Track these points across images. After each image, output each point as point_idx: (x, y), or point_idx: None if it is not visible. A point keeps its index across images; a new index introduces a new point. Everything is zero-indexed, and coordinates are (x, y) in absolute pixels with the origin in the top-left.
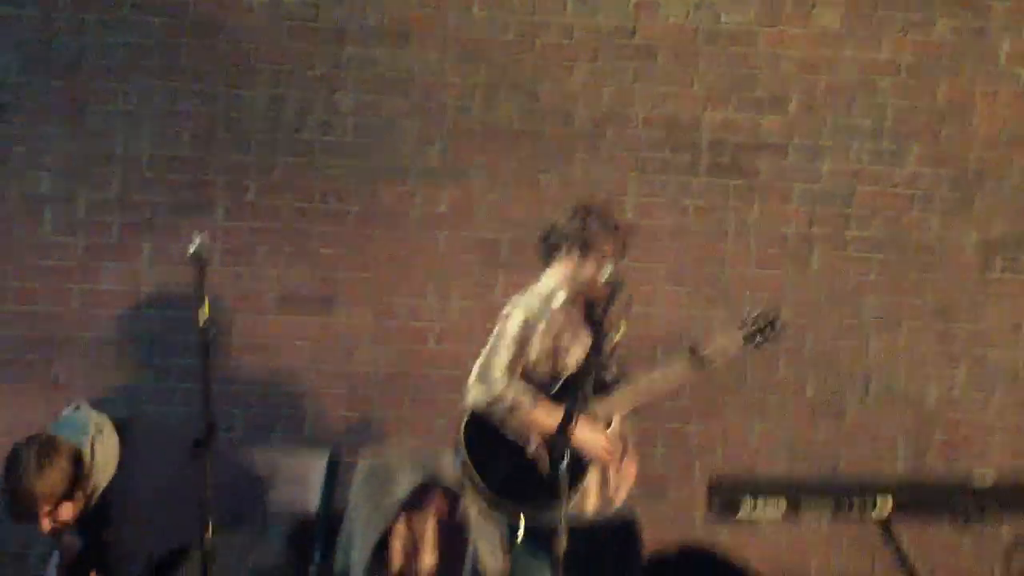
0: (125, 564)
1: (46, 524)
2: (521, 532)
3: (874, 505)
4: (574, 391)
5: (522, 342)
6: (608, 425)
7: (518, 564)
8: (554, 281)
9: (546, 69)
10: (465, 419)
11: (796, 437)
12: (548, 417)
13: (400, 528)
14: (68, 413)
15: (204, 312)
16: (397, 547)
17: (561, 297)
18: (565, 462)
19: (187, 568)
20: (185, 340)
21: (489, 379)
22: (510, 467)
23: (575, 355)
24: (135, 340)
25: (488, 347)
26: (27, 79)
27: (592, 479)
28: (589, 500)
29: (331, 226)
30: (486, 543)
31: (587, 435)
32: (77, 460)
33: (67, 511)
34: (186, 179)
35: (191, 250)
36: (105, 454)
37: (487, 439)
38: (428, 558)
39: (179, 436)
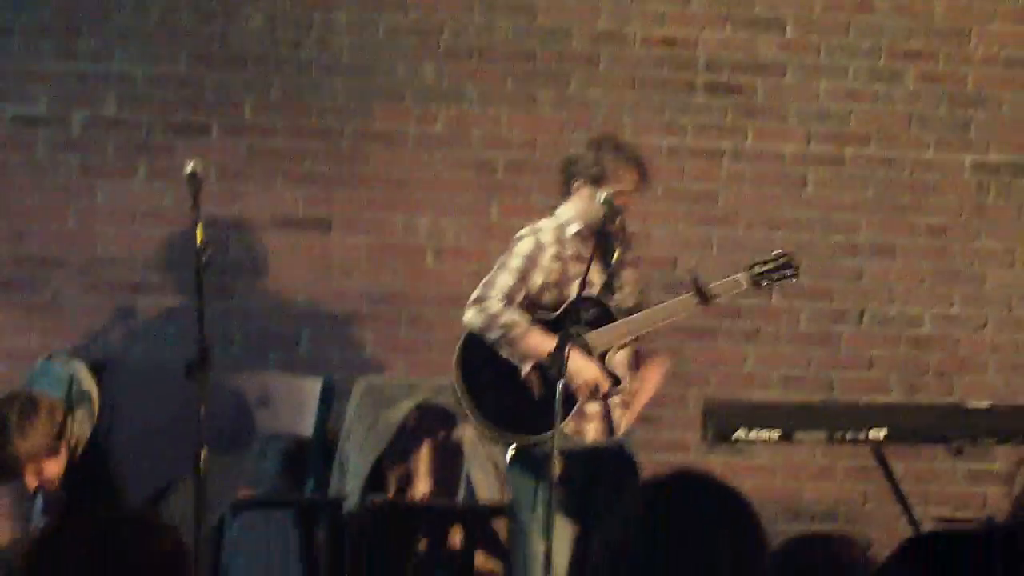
0: (122, 498)
1: (32, 482)
2: (509, 457)
3: (867, 432)
4: (571, 319)
5: (524, 270)
6: (603, 356)
7: (514, 489)
8: (569, 213)
9: None
10: (461, 342)
11: (790, 362)
12: (541, 342)
13: (395, 453)
14: (42, 364)
15: (199, 234)
16: (391, 473)
17: (574, 228)
18: (558, 389)
19: (181, 493)
20: (180, 259)
21: (485, 302)
22: (502, 393)
23: (576, 287)
24: (130, 259)
25: (492, 271)
26: None
27: (593, 407)
28: (589, 427)
29: (327, 146)
30: (480, 468)
31: (578, 363)
32: (58, 415)
33: (52, 467)
34: (182, 98)
35: (186, 171)
36: (84, 402)
37: (482, 364)
38: (422, 484)
39: (168, 368)
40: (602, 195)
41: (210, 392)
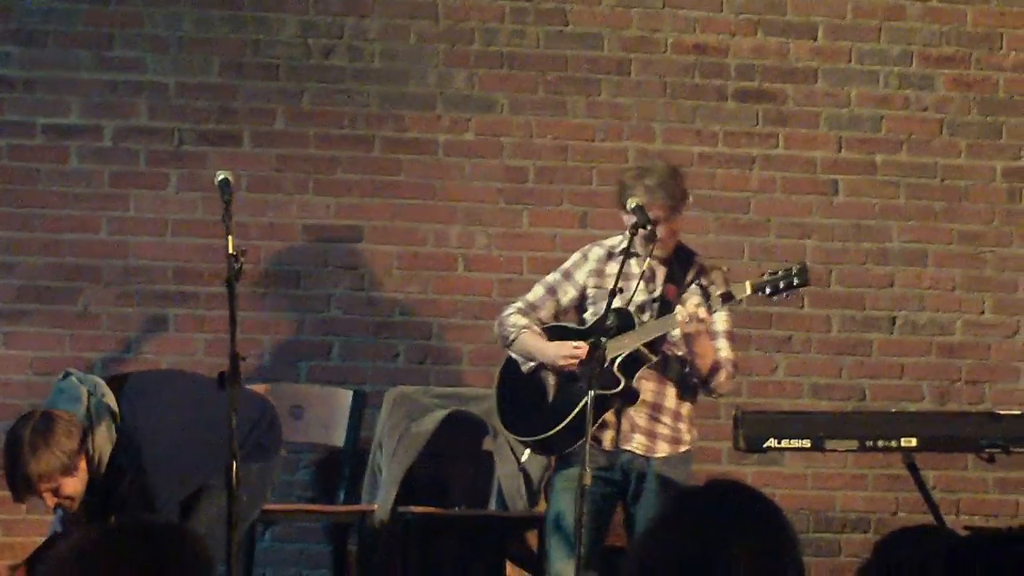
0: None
1: (50, 501)
2: (526, 457)
3: (899, 440)
4: (595, 329)
5: (555, 283)
6: (613, 361)
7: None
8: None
9: None
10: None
11: (821, 371)
12: (535, 344)
13: (426, 463)
14: (59, 382)
15: (231, 243)
16: (423, 483)
17: (621, 246)
18: (589, 399)
19: (208, 503)
20: (212, 268)
21: (505, 310)
22: (522, 398)
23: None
24: (162, 269)
25: None
26: (54, 5)
27: (609, 415)
28: (606, 434)
29: (358, 154)
30: (511, 478)
31: (548, 349)
32: (76, 433)
33: (70, 486)
34: (213, 106)
35: (218, 180)
36: (103, 418)
37: (514, 373)
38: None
39: (189, 376)
40: (632, 202)
41: (240, 401)
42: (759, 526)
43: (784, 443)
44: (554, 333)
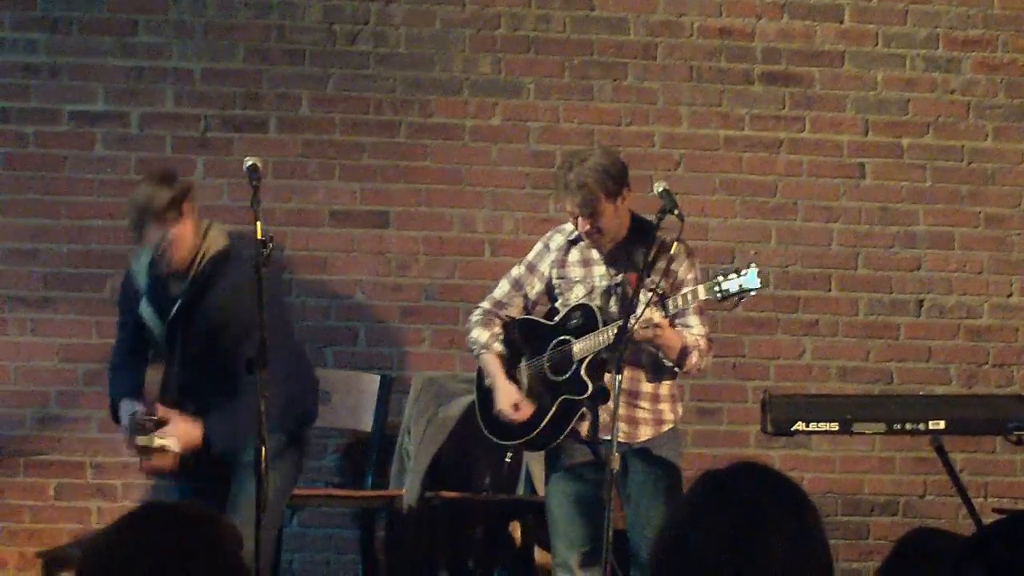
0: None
1: (151, 235)
2: (508, 459)
3: (927, 423)
4: (563, 327)
5: (520, 278)
6: (580, 363)
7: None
8: None
9: None
10: None
11: (848, 354)
12: (487, 368)
13: (453, 448)
14: None
15: (259, 229)
16: (450, 468)
17: (576, 233)
18: (617, 383)
19: (243, 485)
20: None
21: (475, 311)
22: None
23: (579, 291)
24: None
25: None
26: None
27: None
28: (583, 425)
29: (384, 140)
30: (539, 463)
31: (499, 392)
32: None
33: (180, 233)
34: (239, 93)
35: (246, 166)
36: (221, 229)
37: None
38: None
39: None
40: (660, 186)
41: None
42: (788, 508)
43: (812, 426)
44: (523, 327)
